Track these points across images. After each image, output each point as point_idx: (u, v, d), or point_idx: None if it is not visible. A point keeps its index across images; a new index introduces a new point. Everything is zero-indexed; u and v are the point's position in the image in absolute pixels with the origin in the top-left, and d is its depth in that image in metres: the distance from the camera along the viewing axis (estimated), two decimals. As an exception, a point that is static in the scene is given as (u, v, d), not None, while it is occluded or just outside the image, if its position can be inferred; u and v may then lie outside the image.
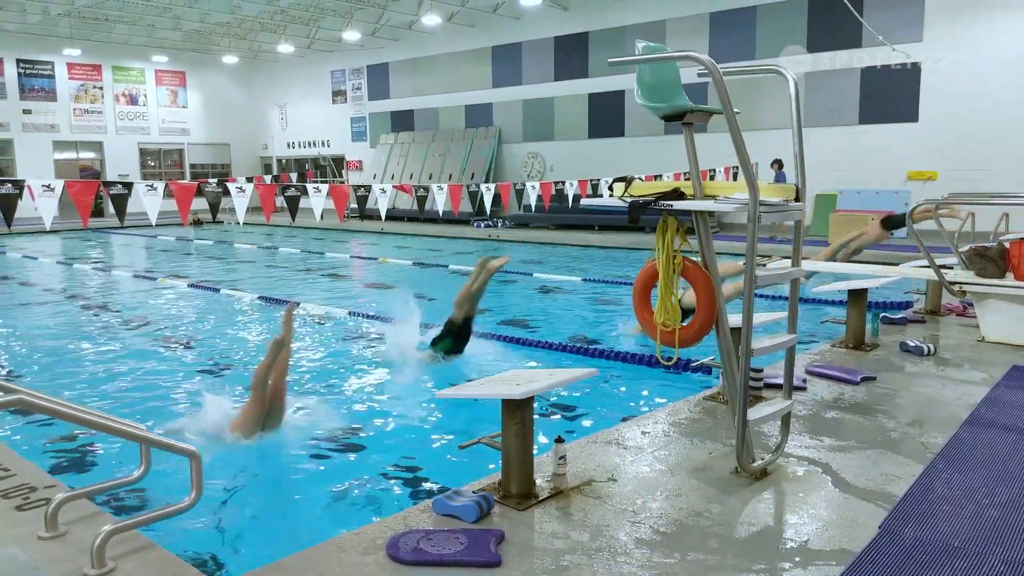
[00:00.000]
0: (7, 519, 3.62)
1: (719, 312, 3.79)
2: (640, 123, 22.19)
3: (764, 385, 5.47)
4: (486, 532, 3.38)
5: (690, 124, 3.90)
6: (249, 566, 3.25)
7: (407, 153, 28.07)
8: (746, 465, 3.96)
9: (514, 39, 25.38)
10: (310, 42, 29.43)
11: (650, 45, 3.86)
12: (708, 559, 3.22)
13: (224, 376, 7.37)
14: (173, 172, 33.38)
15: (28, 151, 29.04)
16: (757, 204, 3.52)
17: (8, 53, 28.47)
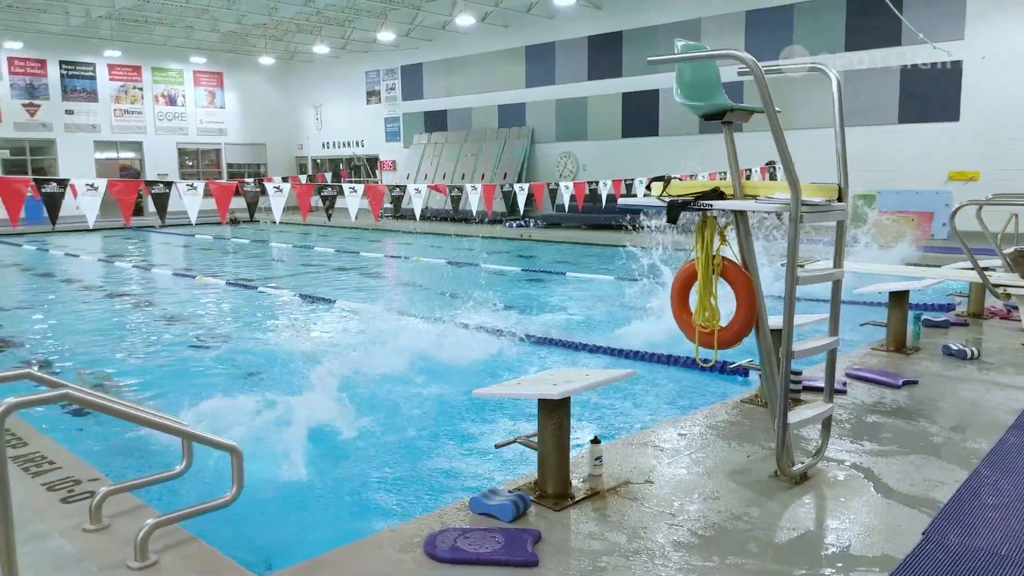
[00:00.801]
0: (53, 511, 3.69)
1: (759, 313, 3.75)
2: (674, 122, 22.03)
3: (803, 388, 5.40)
4: (523, 532, 3.38)
5: (730, 123, 3.86)
6: (288, 561, 3.28)
7: (440, 153, 28.17)
8: (786, 469, 3.91)
9: (547, 39, 25.35)
10: (345, 43, 29.67)
11: (689, 44, 3.83)
12: (748, 563, 3.18)
13: (261, 373, 7.45)
14: (210, 172, 33.85)
15: (70, 151, 29.64)
16: (799, 204, 3.47)
17: (51, 55, 29.08)
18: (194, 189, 7.74)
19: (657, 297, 11.05)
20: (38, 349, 8.57)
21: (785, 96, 18.34)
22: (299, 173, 34.54)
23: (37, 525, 3.52)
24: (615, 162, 23.10)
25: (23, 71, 28.65)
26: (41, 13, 25.15)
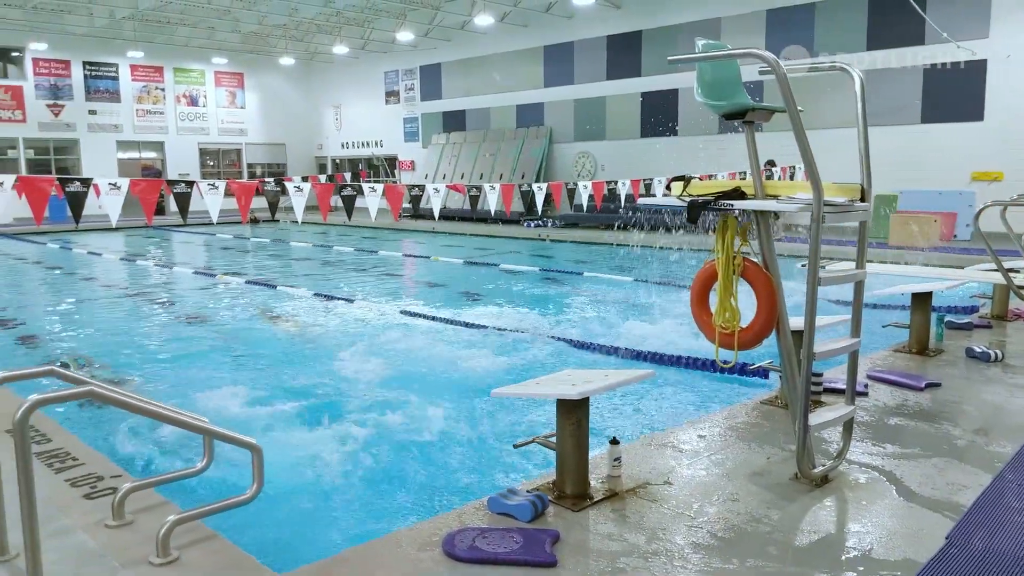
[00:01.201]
0: (76, 507, 3.73)
1: (780, 314, 3.72)
2: (693, 122, 21.93)
3: (824, 390, 5.36)
4: (541, 532, 3.38)
5: (751, 123, 3.84)
6: (308, 559, 3.30)
7: (458, 153, 28.22)
8: (807, 471, 3.88)
9: (566, 38, 25.32)
10: (364, 43, 29.80)
11: (710, 43, 3.82)
12: (768, 566, 3.16)
13: (280, 371, 7.50)
14: (231, 172, 34.12)
15: (93, 151, 29.98)
16: (821, 204, 3.44)
17: (75, 56, 29.43)
18: (215, 189, 7.80)
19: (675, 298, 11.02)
20: (62, 346, 8.67)
21: (806, 95, 18.20)
22: (319, 173, 34.74)
23: (61, 520, 3.56)
24: (633, 162, 23.03)
25: (48, 72, 29.01)
26: (66, 14, 25.45)
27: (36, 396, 2.87)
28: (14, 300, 12.25)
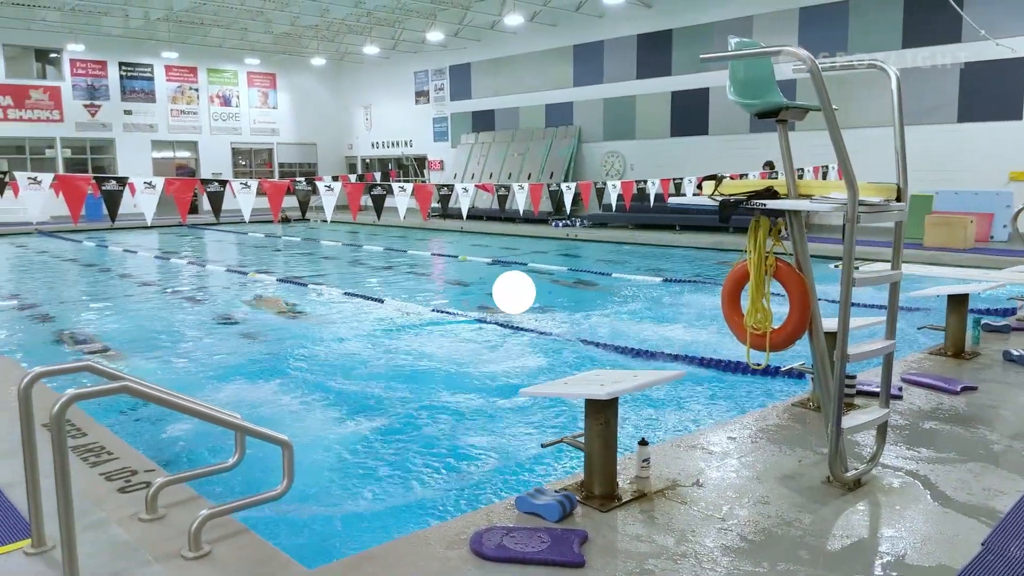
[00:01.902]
0: (111, 500, 3.80)
1: (813, 315, 3.67)
2: (724, 121, 21.76)
3: (857, 392, 5.28)
4: (569, 532, 3.37)
5: (784, 121, 3.79)
6: (337, 554, 3.32)
7: (487, 153, 28.26)
8: (839, 475, 3.82)
9: (596, 37, 25.24)
10: (395, 43, 29.95)
11: (743, 41, 3.78)
12: (799, 570, 3.12)
13: (311, 369, 7.56)
14: (262, 171, 34.48)
15: (128, 150, 30.48)
16: (856, 204, 3.39)
17: (111, 56, 29.94)
18: (247, 188, 7.88)
19: (706, 298, 10.94)
20: (97, 342, 8.82)
21: (837, 94, 17.97)
22: (349, 173, 34.98)
23: (96, 514, 3.62)
24: (663, 161, 22.90)
25: (85, 72, 29.55)
26: (102, 16, 25.88)
27: (72, 391, 2.92)
28: (51, 296, 12.49)
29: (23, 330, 9.62)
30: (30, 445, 3.27)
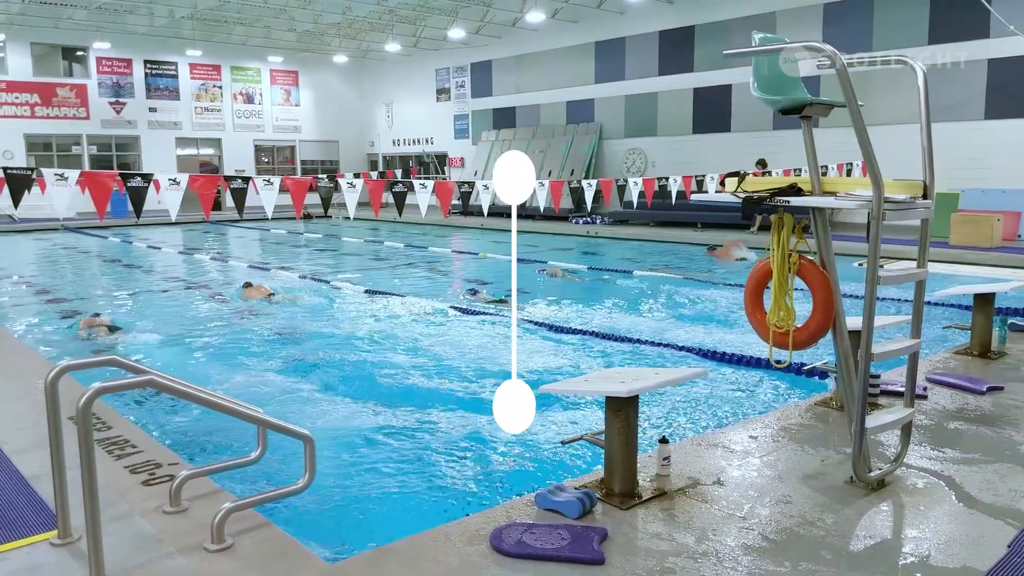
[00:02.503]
0: (135, 493, 3.84)
1: (837, 313, 3.64)
2: (747, 118, 21.60)
3: (880, 392, 5.23)
4: (589, 529, 3.36)
5: (809, 118, 3.76)
6: (357, 548, 3.34)
7: (508, 150, 28.20)
8: (863, 475, 3.79)
9: (618, 34, 25.14)
10: (416, 41, 30.02)
11: (768, 36, 3.75)
12: (821, 570, 3.10)
13: (331, 364, 7.60)
14: (285, 168, 34.72)
15: (153, 147, 30.82)
16: (882, 201, 3.35)
17: (137, 54, 30.27)
18: (270, 185, 7.93)
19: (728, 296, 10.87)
20: (122, 336, 8.92)
21: (864, 90, 17.76)
22: (370, 170, 35.13)
23: (120, 506, 3.67)
24: (685, 158, 22.79)
25: (110, 70, 29.90)
26: (128, 14, 26.16)
27: (98, 384, 2.96)
28: (77, 291, 12.65)
29: (48, 324, 9.75)
30: (56, 438, 3.31)
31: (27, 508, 3.72)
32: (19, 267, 16.16)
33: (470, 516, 3.64)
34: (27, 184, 6.97)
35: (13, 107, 27.79)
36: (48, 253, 18.94)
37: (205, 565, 3.15)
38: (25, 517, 3.62)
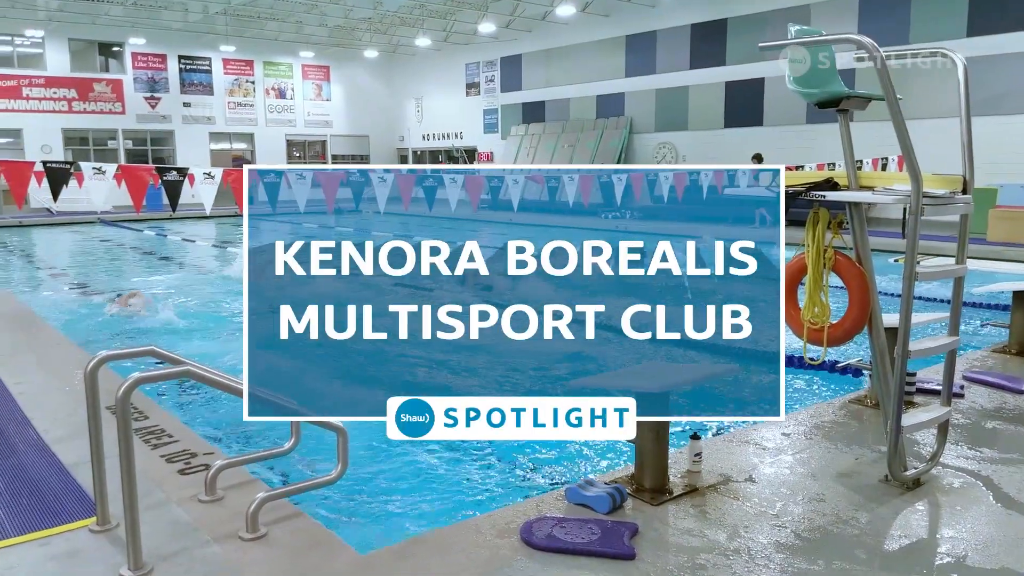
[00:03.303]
0: (171, 482, 3.91)
1: (873, 310, 3.59)
2: (780, 111, 21.34)
3: (916, 390, 5.15)
4: (620, 524, 3.36)
5: (846, 111, 3.70)
6: (388, 539, 3.37)
7: (537, 144, 28.20)
8: (898, 474, 3.73)
9: (649, 27, 24.97)
10: (446, 36, 30.07)
11: (804, 28, 3.70)
12: (855, 569, 3.06)
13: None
14: (316, 163, 34.99)
15: (187, 142, 31.21)
16: (920, 196, 3.30)
17: (171, 50, 30.65)
18: (303, 179, 8.01)
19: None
20: (159, 327, 9.05)
21: (901, 84, 17.45)
22: (400, 164, 35.28)
23: (157, 494, 3.73)
24: (716, 153, 22.59)
25: (145, 65, 30.32)
26: (162, 10, 26.51)
27: (137, 374, 3.01)
28: (114, 284, 12.86)
29: (87, 315, 9.93)
30: (96, 427, 3.37)
31: (67, 495, 3.80)
32: (58, 259, 16.48)
33: (500, 509, 3.66)
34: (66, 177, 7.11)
35: (52, 102, 28.30)
36: (85, 246, 19.29)
37: (240, 553, 3.19)
38: (65, 504, 3.70)
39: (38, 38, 27.74)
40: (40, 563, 3.16)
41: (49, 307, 10.42)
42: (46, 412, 5.07)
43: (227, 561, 3.14)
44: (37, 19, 26.42)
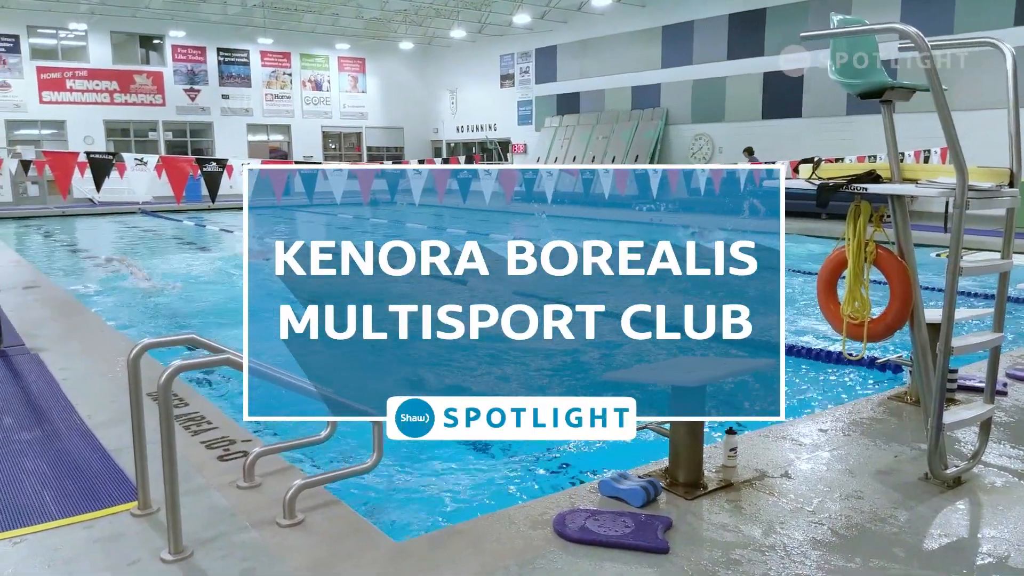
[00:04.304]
0: (211, 468, 3.98)
1: (915, 306, 3.53)
2: (820, 103, 20.98)
3: (958, 387, 5.05)
4: (653, 518, 3.35)
5: (889, 102, 3.63)
6: (422, 529, 3.40)
7: (571, 136, 28.09)
8: (938, 472, 3.67)
9: (686, 17, 24.69)
10: (481, 27, 30.05)
11: (846, 18, 3.63)
12: (893, 568, 3.02)
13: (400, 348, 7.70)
14: (351, 155, 35.23)
15: (225, 133, 31.62)
16: (966, 189, 3.23)
17: (210, 43, 31.04)
18: (339, 171, 8.09)
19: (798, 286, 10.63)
20: (199, 316, 9.21)
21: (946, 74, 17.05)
22: (434, 156, 35.39)
23: (197, 480, 3.80)
24: (754, 144, 22.29)
25: (185, 58, 30.74)
26: (202, 3, 26.87)
27: (178, 362, 3.07)
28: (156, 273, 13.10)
29: (128, 303, 10.13)
30: (138, 413, 3.45)
31: (109, 479, 3.89)
32: (101, 248, 16.82)
33: (534, 500, 3.67)
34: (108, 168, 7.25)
35: (94, 94, 28.83)
36: (127, 235, 19.65)
37: (278, 539, 3.24)
38: (108, 488, 3.79)
39: (81, 31, 28.26)
40: (84, 545, 3.24)
41: (92, 295, 10.65)
42: (90, 398, 5.19)
43: (265, 546, 3.19)
44: (80, 12, 26.92)
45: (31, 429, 4.65)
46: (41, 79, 27.75)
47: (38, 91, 27.70)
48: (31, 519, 3.47)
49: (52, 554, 3.17)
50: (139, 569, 3.05)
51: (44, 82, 27.84)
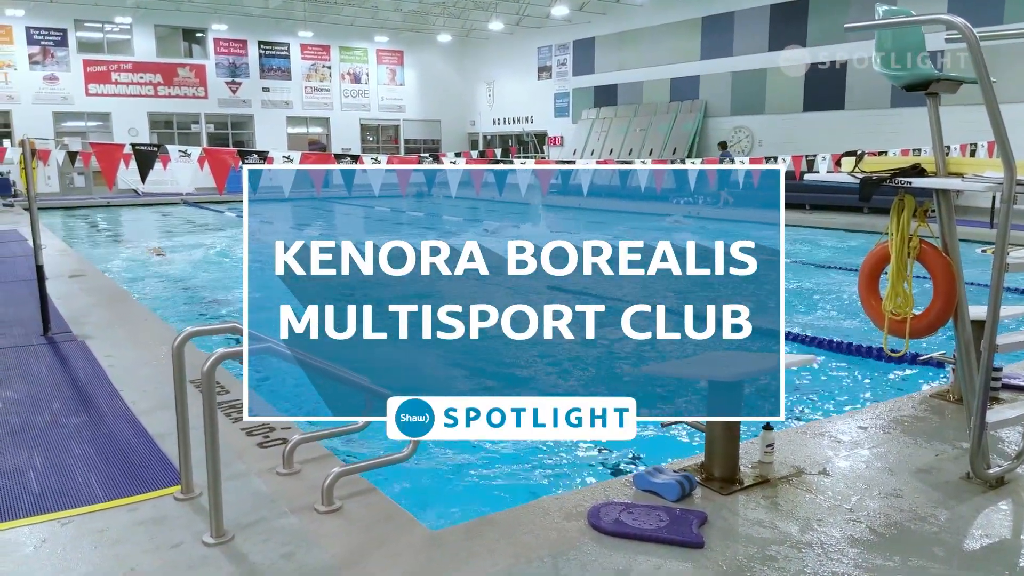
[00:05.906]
0: (251, 454, 4.06)
1: (959, 302, 3.46)
2: (863, 95, 20.59)
3: (1002, 385, 4.94)
4: (688, 512, 3.34)
5: (935, 95, 3.56)
6: (457, 518, 3.43)
7: (608, 128, 27.93)
8: (981, 471, 3.60)
9: (726, 8, 24.38)
10: (519, 19, 29.99)
11: (891, 9, 3.57)
12: (933, 567, 2.98)
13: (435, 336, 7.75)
14: (389, 147, 35.44)
15: (265, 125, 32.01)
16: (1014, 184, 3.16)
17: (251, 36, 31.43)
18: (377, 162, 8.14)
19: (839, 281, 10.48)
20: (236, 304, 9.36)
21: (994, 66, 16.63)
22: (471, 149, 35.45)
23: (238, 466, 3.88)
24: (795, 137, 21.98)
25: (227, 51, 31.17)
26: (244, -4, 27.23)
27: (221, 350, 3.13)
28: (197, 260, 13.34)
29: (172, 291, 10.33)
30: (182, 400, 3.52)
31: (153, 464, 3.98)
32: (145, 238, 17.16)
33: (568, 492, 3.68)
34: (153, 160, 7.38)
35: (138, 86, 29.38)
36: (171, 225, 20.02)
37: (316, 525, 3.30)
38: (152, 472, 3.88)
39: (126, 25, 28.79)
40: (129, 528, 3.33)
41: (136, 283, 10.88)
42: (134, 384, 5.31)
43: (303, 532, 3.25)
44: (126, 6, 27.41)
45: (78, 414, 4.78)
46: (88, 72, 28.36)
47: (84, 84, 28.31)
48: (78, 501, 3.58)
49: (98, 535, 3.26)
50: (181, 551, 3.13)
51: (90, 75, 28.44)
